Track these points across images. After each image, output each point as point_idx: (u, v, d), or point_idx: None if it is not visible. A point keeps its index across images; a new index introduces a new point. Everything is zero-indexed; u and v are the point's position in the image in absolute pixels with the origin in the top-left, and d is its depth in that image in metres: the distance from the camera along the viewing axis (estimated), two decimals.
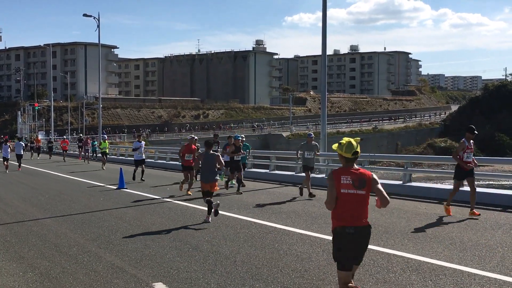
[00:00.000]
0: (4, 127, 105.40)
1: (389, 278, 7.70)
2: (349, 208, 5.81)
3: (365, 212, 5.89)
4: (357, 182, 5.84)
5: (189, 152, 19.59)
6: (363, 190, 5.84)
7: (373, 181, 5.90)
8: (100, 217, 13.83)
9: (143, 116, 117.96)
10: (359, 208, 5.84)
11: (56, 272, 8.41)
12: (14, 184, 23.99)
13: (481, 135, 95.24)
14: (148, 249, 9.84)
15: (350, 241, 5.78)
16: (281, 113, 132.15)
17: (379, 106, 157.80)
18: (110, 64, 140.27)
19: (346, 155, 6.00)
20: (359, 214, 5.84)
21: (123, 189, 20.46)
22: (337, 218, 5.88)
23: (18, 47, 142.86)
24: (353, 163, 5.99)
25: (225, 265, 8.60)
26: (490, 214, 13.28)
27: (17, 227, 12.69)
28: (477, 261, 8.57)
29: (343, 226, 5.81)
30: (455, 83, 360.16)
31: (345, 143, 6.04)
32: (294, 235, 10.89)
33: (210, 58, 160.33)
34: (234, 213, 14.03)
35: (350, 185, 5.82)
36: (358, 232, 5.81)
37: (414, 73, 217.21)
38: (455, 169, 13.37)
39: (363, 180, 5.86)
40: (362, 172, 5.92)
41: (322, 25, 23.92)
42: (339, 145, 6.09)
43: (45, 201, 17.57)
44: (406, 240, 10.23)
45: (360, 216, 5.84)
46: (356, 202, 5.81)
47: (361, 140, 6.36)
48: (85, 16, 50.06)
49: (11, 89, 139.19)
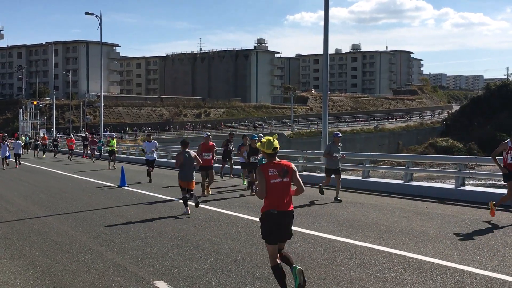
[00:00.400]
0: (6, 125, 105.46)
1: (390, 277, 7.70)
2: (277, 194, 6.74)
3: (290, 197, 6.83)
4: (281, 172, 6.80)
5: (207, 150, 18.40)
6: (287, 177, 6.82)
7: (293, 171, 6.91)
8: (102, 215, 13.85)
9: (144, 114, 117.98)
10: (285, 194, 6.78)
11: (58, 270, 8.42)
12: (15, 182, 24.02)
13: (482, 135, 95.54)
14: (149, 247, 9.85)
15: (275, 222, 6.72)
16: (283, 112, 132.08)
17: (381, 105, 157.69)
18: (111, 62, 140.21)
19: (268, 151, 6.88)
20: (285, 199, 6.77)
21: (125, 188, 20.48)
22: (267, 204, 6.78)
23: (20, 45, 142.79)
24: (275, 157, 6.91)
25: (226, 263, 8.61)
26: None
27: (18, 224, 12.71)
28: (479, 260, 8.56)
29: (271, 210, 6.74)
30: (457, 83, 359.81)
31: (266, 141, 6.90)
32: (295, 234, 10.85)
33: (212, 56, 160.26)
34: (235, 211, 14.03)
35: (276, 175, 6.76)
36: (282, 215, 6.73)
37: (416, 72, 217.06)
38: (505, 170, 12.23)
39: (286, 170, 6.83)
40: (283, 163, 6.90)
41: (324, 24, 23.88)
42: (261, 144, 6.95)
43: (46, 199, 17.59)
44: (407, 239, 10.22)
45: (286, 201, 6.77)
46: (282, 189, 6.76)
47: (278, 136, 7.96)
48: (87, 15, 50.05)
49: (13, 87, 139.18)
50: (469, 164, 17.97)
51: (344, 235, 10.70)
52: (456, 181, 16.82)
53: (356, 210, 14.05)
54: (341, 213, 13.55)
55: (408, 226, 11.59)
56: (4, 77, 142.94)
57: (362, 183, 19.44)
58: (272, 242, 6.80)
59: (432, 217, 12.78)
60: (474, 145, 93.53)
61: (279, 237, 6.83)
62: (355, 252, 9.20)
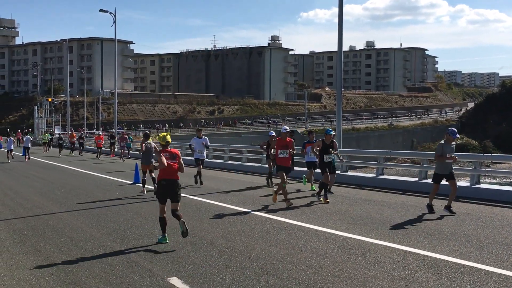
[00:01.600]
0: (21, 121, 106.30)
1: (405, 275, 7.66)
2: (167, 170, 9.97)
3: (176, 173, 10.08)
4: (171, 156, 10.12)
5: (283, 147, 14.99)
6: (175, 160, 10.12)
7: (179, 157, 10.27)
8: (116, 211, 13.91)
9: (158, 111, 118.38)
10: (172, 170, 10.02)
11: (72, 266, 8.47)
12: (30, 179, 24.21)
13: (497, 132, 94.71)
14: (163, 243, 9.87)
15: (164, 187, 9.96)
16: (296, 109, 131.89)
17: (395, 102, 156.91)
18: (126, 59, 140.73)
19: (162, 143, 10.31)
20: (172, 173, 10.00)
21: (139, 184, 20.54)
22: (160, 175, 10.05)
23: (35, 42, 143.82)
24: (167, 147, 10.30)
25: (240, 260, 8.61)
26: (508, 211, 13.16)
27: (33, 220, 12.81)
28: (494, 259, 8.49)
29: (162, 179, 9.99)
30: (472, 80, 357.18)
31: (161, 136, 10.32)
32: (309, 231, 10.87)
33: (226, 53, 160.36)
34: (249, 208, 14.03)
35: (168, 158, 10.04)
36: (169, 182, 9.95)
37: (431, 69, 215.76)
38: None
39: (174, 155, 10.18)
40: (172, 151, 10.28)
41: (339, 21, 23.79)
42: (158, 137, 10.50)
43: (61, 195, 17.70)
44: (422, 237, 10.16)
45: (172, 174, 10.00)
46: (170, 167, 9.98)
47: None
48: (102, 12, 50.29)
49: (28, 84, 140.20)
50: (484, 162, 17.79)
51: (358, 232, 10.65)
52: (471, 179, 16.69)
53: (370, 207, 13.99)
54: (355, 211, 13.50)
55: (422, 224, 11.52)
56: (20, 74, 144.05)
57: (376, 181, 19.37)
58: (161, 201, 10.03)
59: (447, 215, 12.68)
60: (489, 142, 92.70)
61: (166, 197, 9.98)
62: (369, 250, 9.16)
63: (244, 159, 28.28)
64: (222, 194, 17.25)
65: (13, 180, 23.79)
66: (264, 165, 24.00)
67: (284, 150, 14.91)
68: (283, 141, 15.04)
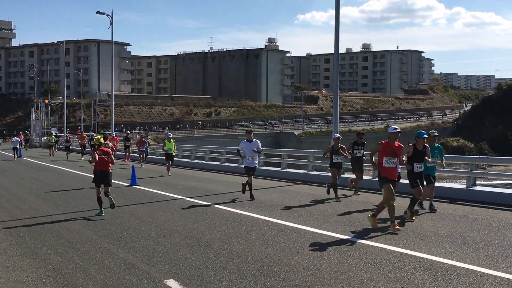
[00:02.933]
0: (18, 123, 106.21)
1: (401, 277, 7.68)
2: (100, 163, 13.73)
3: (108, 165, 13.84)
4: (103, 153, 13.66)
5: (390, 154, 11.61)
6: (106, 156, 13.71)
7: (109, 153, 13.81)
8: (112, 213, 13.90)
9: (155, 113, 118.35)
10: (104, 163, 13.74)
11: (69, 268, 8.47)
12: (27, 180, 24.17)
13: (493, 135, 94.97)
14: (160, 246, 9.89)
15: (98, 175, 13.83)
16: (293, 111, 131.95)
17: (391, 105, 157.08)
18: (122, 61, 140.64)
19: (96, 143, 13.83)
20: (104, 166, 13.76)
21: (135, 186, 20.54)
22: (95, 167, 13.84)
23: (32, 44, 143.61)
24: (101, 146, 13.80)
25: (236, 262, 8.62)
26: (504, 214, 13.20)
27: (30, 222, 12.79)
28: (490, 261, 8.51)
29: (97, 170, 13.81)
30: (468, 83, 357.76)
31: (96, 138, 14.06)
32: (306, 233, 10.89)
33: (222, 56, 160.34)
34: (246, 210, 14.04)
35: (100, 154, 13.67)
36: (102, 173, 13.78)
37: (427, 72, 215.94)
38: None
39: (105, 152, 13.69)
40: (103, 149, 13.75)
41: (335, 23, 23.80)
42: (95, 139, 14.17)
43: (58, 197, 17.68)
44: (418, 239, 10.19)
45: (104, 166, 13.78)
46: (102, 160, 13.70)
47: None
48: (99, 14, 50.11)
49: (24, 85, 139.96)
50: (480, 164, 17.84)
51: (355, 234, 10.68)
52: (467, 181, 16.74)
53: (367, 210, 14.01)
54: (352, 213, 13.53)
55: (419, 226, 11.55)
56: (16, 76, 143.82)
57: (371, 183, 19.38)
58: (96, 185, 13.82)
59: (443, 217, 12.73)
60: (486, 145, 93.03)
61: (100, 183, 13.80)
62: (365, 252, 9.18)
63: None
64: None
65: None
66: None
67: (391, 158, 11.52)
68: (391, 146, 11.68)
